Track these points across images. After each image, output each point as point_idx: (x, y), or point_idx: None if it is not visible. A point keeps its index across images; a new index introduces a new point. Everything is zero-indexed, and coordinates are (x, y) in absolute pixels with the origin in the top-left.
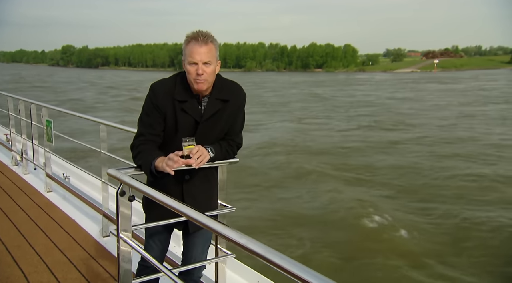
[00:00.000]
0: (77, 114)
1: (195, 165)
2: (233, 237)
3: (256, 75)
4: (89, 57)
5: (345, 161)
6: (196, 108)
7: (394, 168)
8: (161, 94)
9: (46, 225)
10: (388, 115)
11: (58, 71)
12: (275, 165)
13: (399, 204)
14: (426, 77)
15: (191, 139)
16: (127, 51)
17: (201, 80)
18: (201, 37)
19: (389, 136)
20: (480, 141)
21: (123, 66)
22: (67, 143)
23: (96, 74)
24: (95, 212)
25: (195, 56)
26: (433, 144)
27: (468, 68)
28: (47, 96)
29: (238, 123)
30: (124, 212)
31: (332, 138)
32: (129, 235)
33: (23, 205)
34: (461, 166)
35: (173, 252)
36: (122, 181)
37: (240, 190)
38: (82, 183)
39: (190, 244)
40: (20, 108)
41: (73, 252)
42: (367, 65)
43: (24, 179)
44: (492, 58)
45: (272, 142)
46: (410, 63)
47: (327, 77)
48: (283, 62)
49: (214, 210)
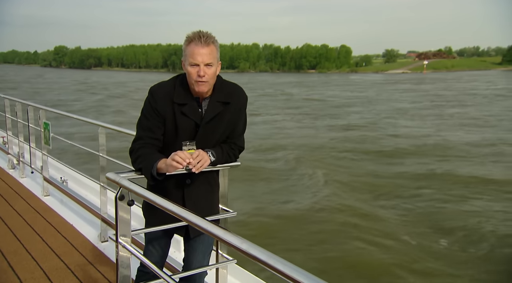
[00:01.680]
0: (75, 117)
1: (195, 170)
2: (235, 242)
3: (246, 76)
4: (81, 58)
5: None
6: (196, 111)
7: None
8: (160, 97)
9: (43, 230)
10: (314, 108)
11: (47, 73)
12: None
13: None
14: (413, 78)
15: (191, 143)
16: (120, 52)
17: (203, 82)
18: (203, 38)
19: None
20: (361, 129)
21: (116, 67)
22: (65, 146)
23: (83, 75)
24: (94, 216)
25: (197, 57)
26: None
27: (459, 69)
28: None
29: (239, 125)
30: (123, 216)
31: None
32: (128, 240)
33: (20, 209)
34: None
35: (173, 257)
36: (121, 185)
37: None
38: (80, 187)
39: (191, 250)
40: (17, 110)
41: (70, 257)
42: (360, 66)
43: (21, 183)
44: (484, 59)
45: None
46: (403, 64)
47: (315, 78)
48: (277, 63)
49: (215, 214)
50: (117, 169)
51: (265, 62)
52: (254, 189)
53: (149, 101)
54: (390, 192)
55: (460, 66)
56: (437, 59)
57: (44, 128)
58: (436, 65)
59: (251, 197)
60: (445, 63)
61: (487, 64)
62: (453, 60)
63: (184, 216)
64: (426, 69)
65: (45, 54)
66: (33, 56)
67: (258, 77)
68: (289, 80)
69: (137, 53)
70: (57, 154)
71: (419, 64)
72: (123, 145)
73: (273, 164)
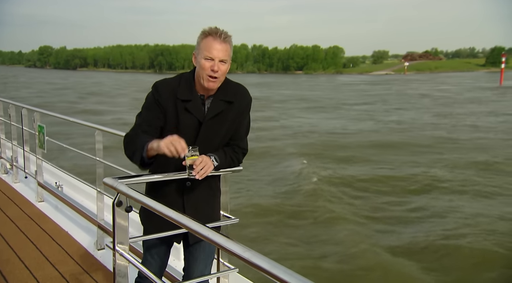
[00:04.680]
0: (71, 120)
1: (199, 176)
2: (237, 250)
3: (233, 77)
4: (67, 59)
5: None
6: (200, 108)
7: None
8: (164, 92)
9: (37, 237)
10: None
11: (27, 73)
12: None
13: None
14: (391, 79)
15: (195, 149)
16: (107, 52)
17: (214, 78)
18: (222, 34)
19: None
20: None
21: (102, 68)
22: (60, 150)
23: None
24: (90, 223)
25: (213, 51)
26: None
27: (442, 70)
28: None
29: (243, 127)
30: (121, 223)
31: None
32: (126, 248)
33: (13, 216)
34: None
35: (173, 266)
36: (119, 191)
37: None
38: (76, 192)
39: (191, 259)
40: (11, 112)
41: (65, 266)
42: (347, 67)
43: (14, 188)
44: (468, 61)
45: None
46: (389, 65)
47: (289, 80)
48: (264, 64)
49: (216, 221)
50: (114, 174)
51: (252, 63)
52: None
53: (153, 94)
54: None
55: (443, 68)
56: (423, 60)
57: (39, 131)
58: (420, 66)
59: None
60: (429, 65)
61: (471, 65)
62: (437, 62)
63: (184, 223)
64: (410, 70)
65: (29, 54)
66: (18, 56)
67: (242, 78)
68: (264, 81)
69: (123, 54)
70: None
71: (402, 66)
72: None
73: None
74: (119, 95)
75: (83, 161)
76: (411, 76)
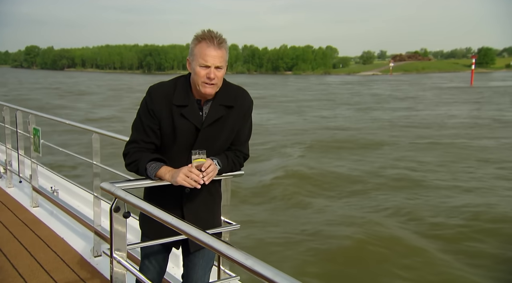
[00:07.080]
0: (67, 122)
1: (205, 180)
2: (238, 258)
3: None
4: (54, 59)
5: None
6: (197, 114)
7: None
8: (158, 98)
9: (32, 244)
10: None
11: (6, 73)
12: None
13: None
14: (373, 79)
15: (202, 152)
16: (95, 53)
17: (211, 84)
18: (216, 39)
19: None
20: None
21: (90, 68)
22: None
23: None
24: (86, 229)
25: (209, 59)
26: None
27: (429, 71)
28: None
29: (244, 131)
30: (118, 229)
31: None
32: (123, 255)
33: (6, 222)
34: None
35: (171, 273)
36: (117, 196)
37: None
38: (72, 197)
39: (190, 265)
40: (5, 114)
41: (61, 274)
42: (337, 68)
43: (8, 193)
44: (456, 62)
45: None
46: (377, 65)
47: (274, 80)
48: (254, 65)
49: (217, 227)
50: (112, 178)
51: (242, 64)
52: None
53: (146, 101)
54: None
55: (431, 68)
56: (411, 61)
57: (34, 134)
58: (407, 67)
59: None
60: (416, 66)
61: (458, 66)
62: (424, 62)
63: (183, 229)
64: (397, 71)
65: (16, 55)
66: (4, 56)
67: (229, 79)
68: (254, 81)
69: (111, 54)
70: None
71: (389, 67)
72: (119, 153)
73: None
74: (91, 93)
75: (79, 165)
76: (395, 77)
